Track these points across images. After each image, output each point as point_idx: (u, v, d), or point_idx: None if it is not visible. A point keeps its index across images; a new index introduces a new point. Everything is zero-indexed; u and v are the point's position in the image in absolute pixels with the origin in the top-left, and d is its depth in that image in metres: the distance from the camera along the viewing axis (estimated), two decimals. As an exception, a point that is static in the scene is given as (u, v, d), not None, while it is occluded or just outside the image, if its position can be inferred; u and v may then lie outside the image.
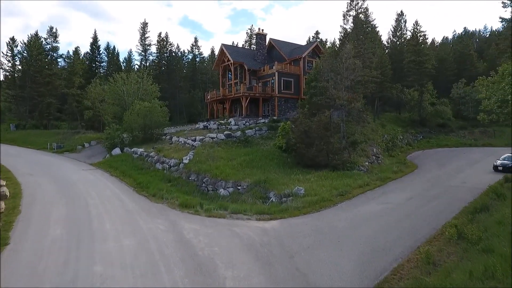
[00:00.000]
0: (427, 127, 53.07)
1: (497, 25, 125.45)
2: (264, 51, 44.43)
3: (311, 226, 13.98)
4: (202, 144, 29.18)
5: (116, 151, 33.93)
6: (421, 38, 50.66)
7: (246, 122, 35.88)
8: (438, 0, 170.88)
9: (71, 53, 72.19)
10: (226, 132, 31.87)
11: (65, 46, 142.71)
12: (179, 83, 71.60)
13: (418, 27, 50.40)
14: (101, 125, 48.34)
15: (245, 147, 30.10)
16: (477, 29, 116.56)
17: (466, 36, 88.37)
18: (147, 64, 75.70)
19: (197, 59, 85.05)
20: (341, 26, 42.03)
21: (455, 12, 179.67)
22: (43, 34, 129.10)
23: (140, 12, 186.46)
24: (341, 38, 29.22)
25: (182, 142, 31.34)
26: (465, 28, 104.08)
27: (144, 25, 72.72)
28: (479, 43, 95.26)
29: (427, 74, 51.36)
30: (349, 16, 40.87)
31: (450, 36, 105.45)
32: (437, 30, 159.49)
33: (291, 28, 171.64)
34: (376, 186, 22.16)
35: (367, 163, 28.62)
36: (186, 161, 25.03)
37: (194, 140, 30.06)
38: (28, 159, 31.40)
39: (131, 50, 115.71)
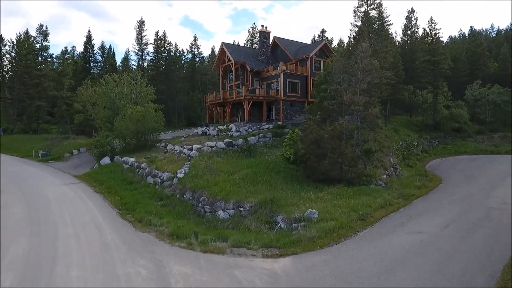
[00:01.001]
0: (441, 132, 50.23)
1: (504, 24, 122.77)
2: (267, 50, 41.76)
3: (332, 269, 11.27)
4: (200, 154, 26.47)
5: (105, 160, 31.32)
6: (436, 36, 47.82)
7: (248, 128, 33.18)
8: (440, 0, 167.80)
9: (72, 53, 70.18)
10: (226, 140, 29.18)
11: (65, 46, 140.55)
12: (177, 84, 69.03)
13: (433, 24, 47.60)
14: (93, 129, 45.75)
15: (248, 157, 27.37)
16: (484, 28, 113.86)
17: (474, 35, 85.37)
18: (144, 64, 73.22)
19: (197, 59, 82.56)
20: (351, 23, 39.31)
21: (458, 11, 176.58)
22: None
23: (141, 12, 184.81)
24: (355, 35, 26.54)
25: (178, 151, 28.67)
26: (471, 27, 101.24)
27: (141, 23, 70.23)
28: (487, 42, 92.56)
29: (442, 75, 48.57)
30: (360, 12, 38.13)
31: (456, 35, 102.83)
32: (442, 29, 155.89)
33: (292, 28, 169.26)
34: (400, 206, 19.44)
35: (385, 176, 25.86)
36: (180, 175, 22.32)
37: (191, 150, 27.37)
38: (6, 171, 28.76)
39: (128, 49, 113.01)
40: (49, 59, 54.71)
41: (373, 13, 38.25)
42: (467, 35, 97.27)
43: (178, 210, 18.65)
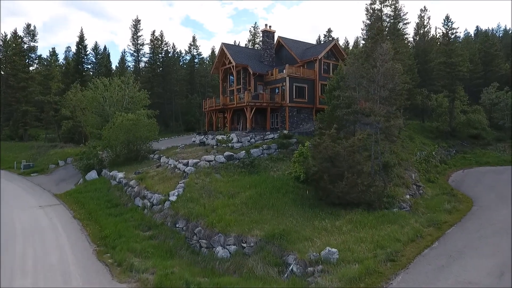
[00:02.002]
0: (458, 139, 47.28)
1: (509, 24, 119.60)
2: (271, 51, 38.91)
3: None
4: (196, 170, 23.62)
5: (92, 174, 28.53)
6: (453, 36, 44.97)
7: (251, 139, 30.32)
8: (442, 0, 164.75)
9: (65, 54, 67.46)
10: (226, 153, 26.34)
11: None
12: (175, 87, 66.25)
13: (450, 24, 44.71)
14: (83, 137, 42.95)
15: (251, 173, 24.54)
16: (490, 28, 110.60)
17: (486, 35, 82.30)
18: (141, 66, 70.51)
19: (196, 60, 79.77)
20: (363, 22, 36.46)
21: (458, 11, 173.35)
22: (43, 34, 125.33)
23: (142, 12, 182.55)
24: (374, 35, 23.70)
25: (172, 165, 25.85)
26: (477, 27, 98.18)
27: (137, 22, 67.51)
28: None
29: (459, 78, 45.68)
30: (372, 10, 35.30)
31: (461, 35, 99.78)
32: (459, 29, 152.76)
33: (293, 28, 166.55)
34: (433, 239, 16.56)
35: (408, 195, 22.95)
36: (173, 198, 19.46)
37: (187, 165, 24.52)
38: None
39: (124, 50, 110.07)
40: (36, 61, 51.79)
41: (387, 10, 35.41)
42: (472, 35, 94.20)
43: (168, 245, 15.83)
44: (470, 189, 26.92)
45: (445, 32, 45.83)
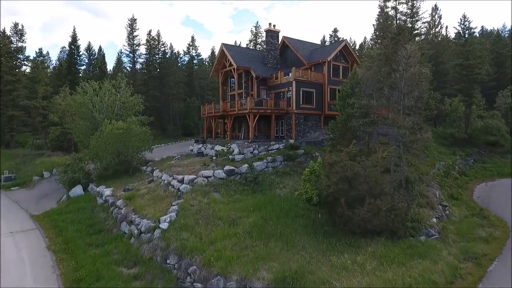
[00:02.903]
0: (475, 146, 44.64)
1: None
2: (276, 52, 36.33)
3: None
4: (193, 188, 21.05)
5: (77, 190, 25.99)
6: (470, 36, 42.30)
7: (254, 150, 27.74)
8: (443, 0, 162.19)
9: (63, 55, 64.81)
10: (227, 167, 23.76)
11: (39, 48, 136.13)
12: (173, 90, 63.66)
13: (467, 23, 42.07)
14: (72, 145, 40.37)
15: (254, 191, 21.95)
16: (496, 28, 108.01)
17: (499, 36, 79.60)
18: (136, 67, 68.01)
19: (195, 61, 77.28)
20: (376, 20, 33.89)
21: (459, 11, 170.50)
22: (44, 35, 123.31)
23: (142, 12, 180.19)
24: (395, 35, 21.12)
25: (166, 182, 23.27)
26: (482, 27, 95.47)
27: (132, 21, 64.96)
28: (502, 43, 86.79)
29: (477, 81, 43.02)
30: (387, 8, 32.77)
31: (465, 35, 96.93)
32: (476, 28, 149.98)
33: (295, 28, 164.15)
34: (475, 280, 14.09)
35: (434, 218, 20.31)
36: (164, 225, 16.86)
37: (182, 181, 21.94)
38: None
39: (121, 50, 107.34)
40: (24, 62, 49.01)
41: (403, 8, 32.84)
42: (477, 35, 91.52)
43: (156, 289, 13.19)
44: (501, 208, 24.26)
45: (461, 32, 43.24)
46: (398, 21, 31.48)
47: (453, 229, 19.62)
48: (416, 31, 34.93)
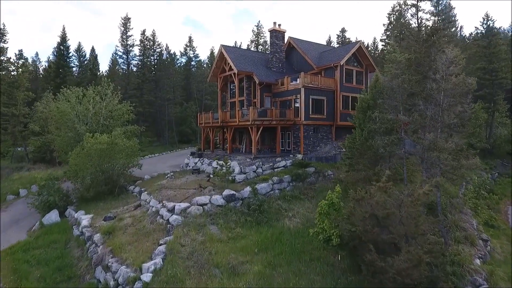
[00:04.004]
0: (497, 158, 41.43)
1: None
2: (281, 55, 33.09)
3: None
4: (185, 220, 17.84)
5: (52, 216, 22.75)
6: (495, 37, 39.08)
7: (257, 168, 24.55)
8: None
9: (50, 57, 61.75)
10: (226, 192, 20.53)
11: (19, 49, 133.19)
12: (168, 95, 60.48)
13: (490, 22, 38.89)
14: (56, 157, 37.17)
15: (259, 223, 18.74)
16: (503, 28, 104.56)
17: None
18: (130, 69, 64.81)
19: (193, 63, 74.16)
20: (388, 19, 30.69)
21: (462, 10, 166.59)
22: (43, 35, 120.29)
23: (142, 12, 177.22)
24: (428, 36, 17.87)
25: (154, 209, 20.06)
26: (488, 25, 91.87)
27: (126, 20, 61.71)
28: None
29: (502, 86, 39.89)
30: (406, 6, 29.55)
31: (467, 34, 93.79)
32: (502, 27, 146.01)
33: (293, 28, 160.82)
34: None
35: (477, 259, 17.06)
36: (147, 277, 13.63)
37: (172, 211, 18.74)
38: None
39: (116, 50, 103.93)
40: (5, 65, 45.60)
41: (425, 5, 29.61)
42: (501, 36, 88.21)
43: None
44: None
45: (483, 32, 40.07)
46: (419, 20, 28.27)
47: (501, 274, 16.36)
48: (445, 33, 31.67)
